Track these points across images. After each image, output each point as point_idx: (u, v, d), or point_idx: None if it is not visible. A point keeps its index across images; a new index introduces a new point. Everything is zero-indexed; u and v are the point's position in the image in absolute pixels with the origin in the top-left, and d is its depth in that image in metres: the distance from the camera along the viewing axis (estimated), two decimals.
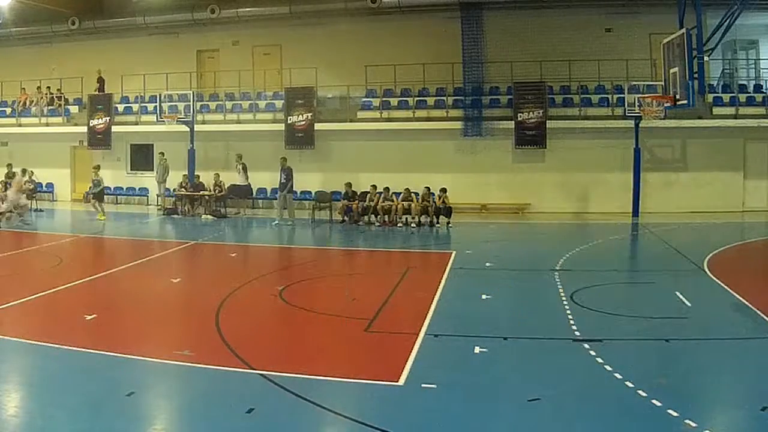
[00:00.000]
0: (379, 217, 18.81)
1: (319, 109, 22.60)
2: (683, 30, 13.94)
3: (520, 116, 20.80)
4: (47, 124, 24.96)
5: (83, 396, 6.03)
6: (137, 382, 6.40)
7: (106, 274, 11.63)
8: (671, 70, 14.64)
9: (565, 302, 9.47)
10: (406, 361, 6.89)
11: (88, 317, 8.54)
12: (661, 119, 19.18)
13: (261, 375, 6.48)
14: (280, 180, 19.58)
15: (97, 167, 20.60)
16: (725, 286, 10.32)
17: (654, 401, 5.77)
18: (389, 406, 5.89)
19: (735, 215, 19.83)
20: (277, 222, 19.26)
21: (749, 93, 20.87)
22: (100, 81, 24.72)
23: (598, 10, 21.36)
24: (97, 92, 24.58)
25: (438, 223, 18.26)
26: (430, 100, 22.28)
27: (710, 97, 20.30)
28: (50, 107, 25.16)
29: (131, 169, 24.73)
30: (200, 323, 8.46)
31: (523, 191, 21.18)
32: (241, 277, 11.40)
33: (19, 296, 9.47)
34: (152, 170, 23.36)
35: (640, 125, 19.59)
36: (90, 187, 20.10)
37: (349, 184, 19.60)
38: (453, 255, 13.61)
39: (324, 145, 22.30)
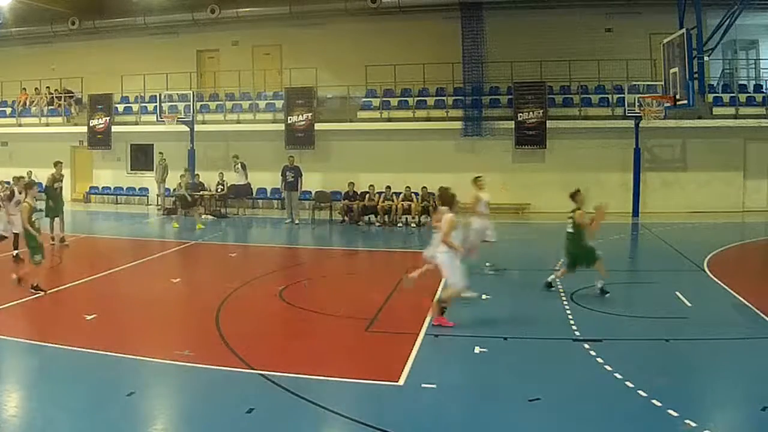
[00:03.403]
0: (379, 217, 18.80)
1: (319, 109, 22.59)
2: (683, 30, 13.90)
3: (520, 116, 20.79)
4: (47, 124, 24.97)
5: (83, 396, 6.04)
6: (137, 382, 6.40)
7: (106, 274, 11.63)
8: (671, 70, 14.61)
9: (565, 302, 9.47)
10: (406, 361, 6.89)
11: (88, 317, 8.54)
12: (661, 119, 19.20)
13: (261, 375, 6.49)
14: (286, 179, 19.48)
15: (186, 170, 19.56)
16: (725, 286, 10.32)
17: (654, 401, 5.77)
18: (389, 406, 5.89)
19: (735, 215, 19.81)
20: (297, 222, 19.16)
21: (749, 93, 20.85)
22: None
23: (598, 10, 21.33)
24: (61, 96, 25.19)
25: None
26: (430, 100, 22.26)
27: (710, 97, 20.26)
28: (50, 107, 25.17)
29: (131, 169, 24.73)
30: (200, 323, 8.46)
31: (523, 191, 21.14)
32: (241, 277, 11.37)
33: (16, 297, 9.49)
34: (152, 170, 23.36)
35: (640, 125, 19.60)
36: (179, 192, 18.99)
37: (351, 184, 19.60)
38: None
39: (324, 145, 22.28)
